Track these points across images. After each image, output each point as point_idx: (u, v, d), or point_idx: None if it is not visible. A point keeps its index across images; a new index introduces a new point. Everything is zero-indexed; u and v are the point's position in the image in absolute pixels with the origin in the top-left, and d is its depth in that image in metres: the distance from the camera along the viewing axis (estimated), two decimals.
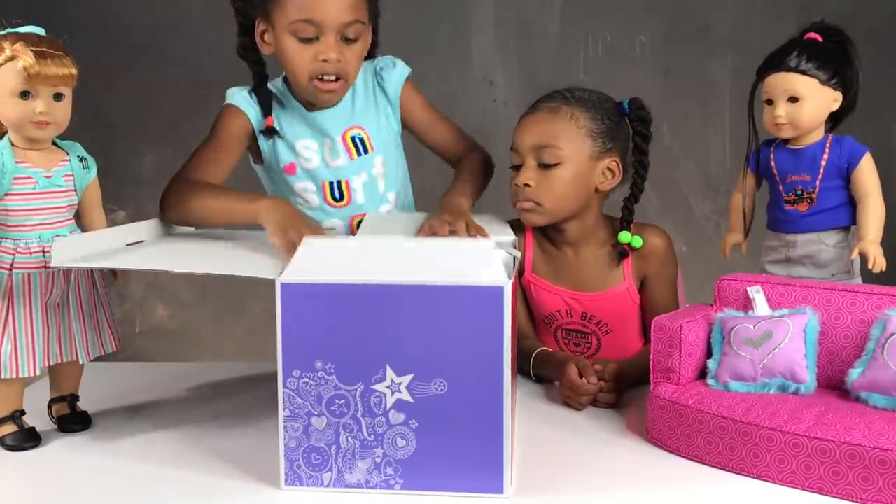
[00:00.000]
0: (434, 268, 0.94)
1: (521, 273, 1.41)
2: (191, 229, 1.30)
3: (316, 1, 1.25)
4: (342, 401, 0.95)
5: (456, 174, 1.39)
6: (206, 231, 1.28)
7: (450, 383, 0.93)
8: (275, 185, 1.41)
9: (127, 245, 1.15)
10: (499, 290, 0.91)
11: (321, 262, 0.97)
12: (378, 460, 0.95)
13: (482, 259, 0.94)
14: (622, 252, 1.37)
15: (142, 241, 1.19)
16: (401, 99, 1.41)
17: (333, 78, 1.29)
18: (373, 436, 0.95)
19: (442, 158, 1.46)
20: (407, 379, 0.93)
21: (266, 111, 1.35)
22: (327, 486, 0.96)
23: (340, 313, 0.94)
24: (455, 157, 1.44)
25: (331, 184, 1.37)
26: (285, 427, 0.96)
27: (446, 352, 0.92)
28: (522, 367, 1.35)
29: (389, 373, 0.94)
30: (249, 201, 1.18)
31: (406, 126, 1.44)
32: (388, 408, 0.94)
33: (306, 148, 1.37)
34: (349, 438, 0.95)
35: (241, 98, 1.36)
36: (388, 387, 0.94)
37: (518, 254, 1.10)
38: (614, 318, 1.38)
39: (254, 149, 1.38)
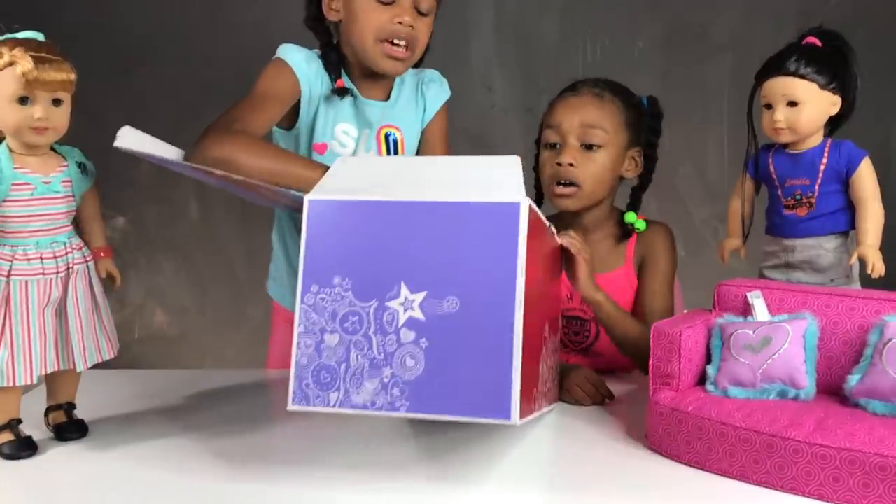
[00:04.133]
0: (454, 184, 0.94)
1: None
2: None
3: None
4: (356, 318, 0.94)
5: None
6: None
7: (462, 301, 0.92)
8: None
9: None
10: (514, 207, 0.90)
11: (349, 179, 0.99)
12: (386, 380, 0.93)
13: (502, 176, 0.94)
14: (626, 231, 1.44)
15: None
16: (427, 127, 1.43)
17: (403, 44, 1.30)
18: (383, 354, 0.93)
19: None
20: (420, 296, 0.93)
21: (336, 73, 1.34)
22: (333, 405, 0.94)
23: (361, 230, 0.95)
24: None
25: None
26: (298, 344, 0.96)
27: (460, 269, 0.92)
28: None
29: (403, 289, 0.93)
30: (316, 169, 1.16)
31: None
32: (399, 325, 0.93)
33: (345, 133, 1.37)
34: (359, 357, 0.94)
35: (295, 57, 1.33)
36: (401, 304, 0.93)
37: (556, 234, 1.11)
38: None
39: (289, 112, 1.35)
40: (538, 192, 1.46)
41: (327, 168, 1.08)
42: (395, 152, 1.40)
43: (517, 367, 0.91)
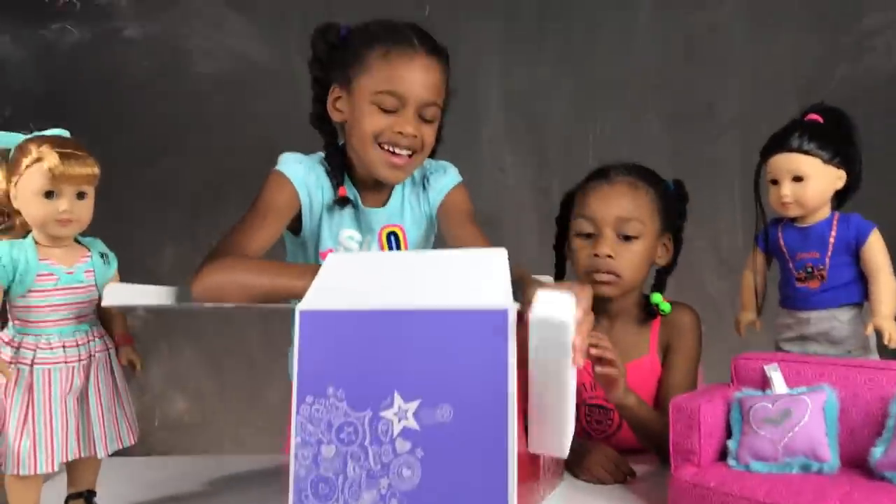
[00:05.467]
0: (442, 286, 0.94)
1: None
2: None
3: (404, 75, 1.27)
4: (351, 428, 0.95)
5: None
6: None
7: (455, 410, 0.92)
8: (301, 258, 1.40)
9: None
10: (502, 315, 0.90)
11: (339, 284, 0.99)
12: (383, 491, 0.93)
13: (490, 273, 0.94)
14: (650, 313, 1.41)
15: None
16: (441, 206, 1.40)
17: (406, 154, 1.29)
18: (379, 465, 0.94)
19: None
20: (414, 405, 0.93)
21: (339, 178, 1.34)
22: None
23: (352, 340, 0.95)
24: None
25: None
26: (296, 455, 0.96)
27: (452, 377, 0.92)
28: None
29: (397, 399, 0.93)
30: (308, 277, 1.07)
31: (442, 233, 1.42)
32: (394, 436, 0.93)
33: (350, 238, 1.37)
34: (356, 468, 0.94)
35: (294, 169, 1.32)
36: (395, 413, 0.93)
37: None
38: (639, 393, 1.35)
39: (294, 219, 1.35)
40: (558, 271, 1.46)
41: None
42: (398, 248, 1.38)
43: (513, 476, 0.91)
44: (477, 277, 0.96)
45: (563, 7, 2.81)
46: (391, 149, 1.29)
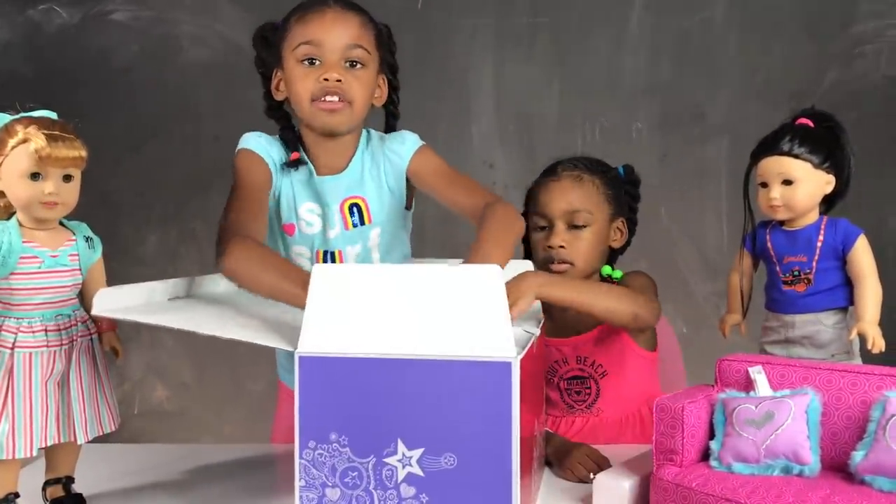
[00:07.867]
0: (445, 338, 0.94)
1: None
2: (222, 291, 1.30)
3: (318, 27, 1.31)
4: (355, 473, 0.95)
5: (479, 225, 1.24)
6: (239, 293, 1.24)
7: (460, 458, 0.93)
8: (271, 238, 1.40)
9: (168, 300, 1.18)
10: (506, 366, 0.91)
11: (335, 322, 0.97)
12: None
13: (494, 330, 0.94)
14: (603, 281, 1.50)
15: (177, 297, 1.21)
16: (410, 172, 1.40)
17: (335, 98, 1.31)
18: None
19: (468, 219, 1.35)
20: (418, 453, 0.93)
21: (293, 146, 1.37)
22: None
23: (354, 385, 0.95)
24: (478, 214, 1.29)
25: (324, 252, 1.38)
26: (301, 498, 0.96)
27: (456, 426, 0.92)
28: None
29: (401, 446, 0.94)
30: (295, 285, 1.10)
31: (425, 192, 1.42)
32: (399, 481, 0.94)
33: (310, 212, 1.38)
34: None
35: (256, 142, 1.36)
36: (399, 460, 0.94)
37: (536, 332, 1.11)
38: (607, 358, 1.47)
39: None
40: (526, 258, 1.52)
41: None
42: (362, 222, 1.38)
43: None
44: (482, 313, 0.94)
45: (555, 6, 2.81)
46: (322, 98, 1.31)
